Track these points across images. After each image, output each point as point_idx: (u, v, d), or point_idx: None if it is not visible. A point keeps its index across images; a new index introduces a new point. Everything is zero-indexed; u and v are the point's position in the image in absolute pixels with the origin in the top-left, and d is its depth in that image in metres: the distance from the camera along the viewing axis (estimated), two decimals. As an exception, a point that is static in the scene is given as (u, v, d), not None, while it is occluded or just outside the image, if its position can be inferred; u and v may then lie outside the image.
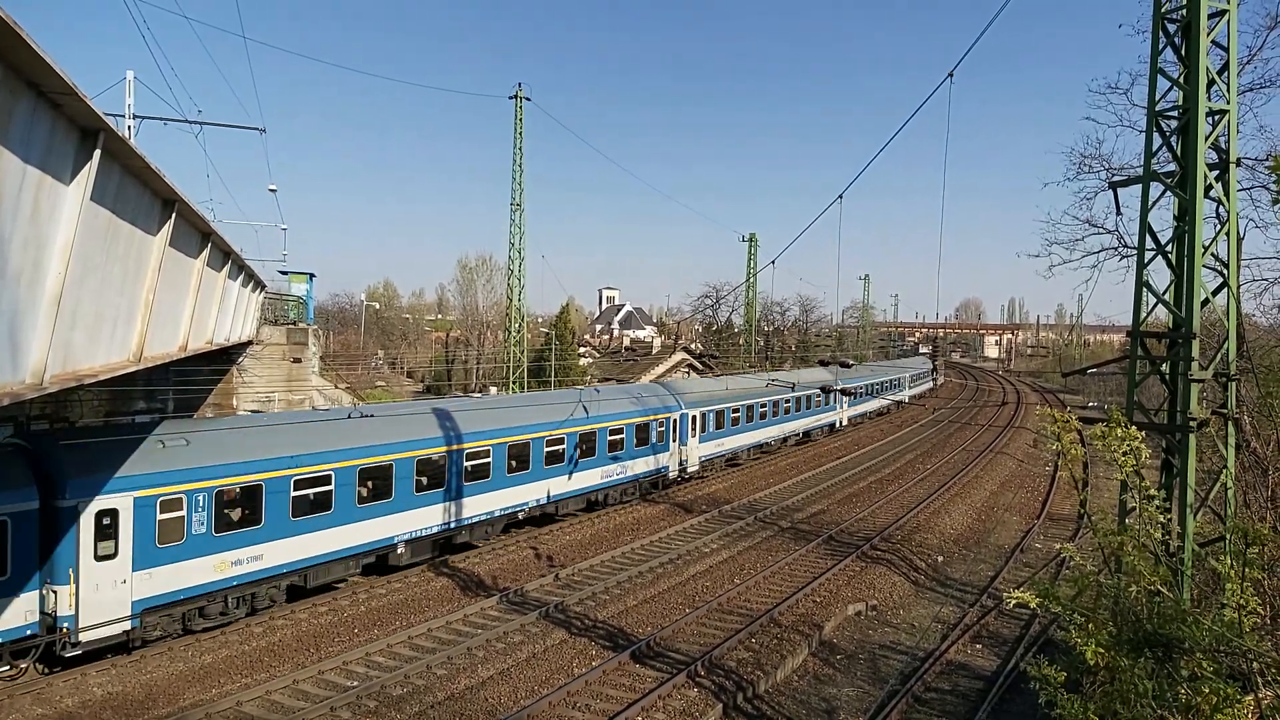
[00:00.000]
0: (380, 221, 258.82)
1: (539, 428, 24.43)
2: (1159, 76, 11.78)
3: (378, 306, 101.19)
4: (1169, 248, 11.90)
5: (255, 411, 26.93)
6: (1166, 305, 12.03)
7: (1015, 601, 8.79)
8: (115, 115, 24.69)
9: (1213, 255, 11.77)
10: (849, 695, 14.92)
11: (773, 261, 20.23)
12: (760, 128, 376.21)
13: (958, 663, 16.46)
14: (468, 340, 79.74)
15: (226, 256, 18.04)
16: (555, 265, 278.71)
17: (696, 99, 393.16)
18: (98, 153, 7.35)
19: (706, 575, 21.66)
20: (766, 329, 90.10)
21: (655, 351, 70.83)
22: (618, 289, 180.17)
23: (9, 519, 13.33)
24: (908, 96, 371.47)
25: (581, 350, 76.04)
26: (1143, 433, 9.11)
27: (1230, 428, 11.90)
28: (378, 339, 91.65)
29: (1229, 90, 11.65)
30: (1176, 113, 11.68)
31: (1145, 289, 12.08)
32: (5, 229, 5.94)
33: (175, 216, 11.36)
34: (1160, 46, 11.72)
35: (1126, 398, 12.31)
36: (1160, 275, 12.20)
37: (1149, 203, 12.06)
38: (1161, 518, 9.46)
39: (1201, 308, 11.66)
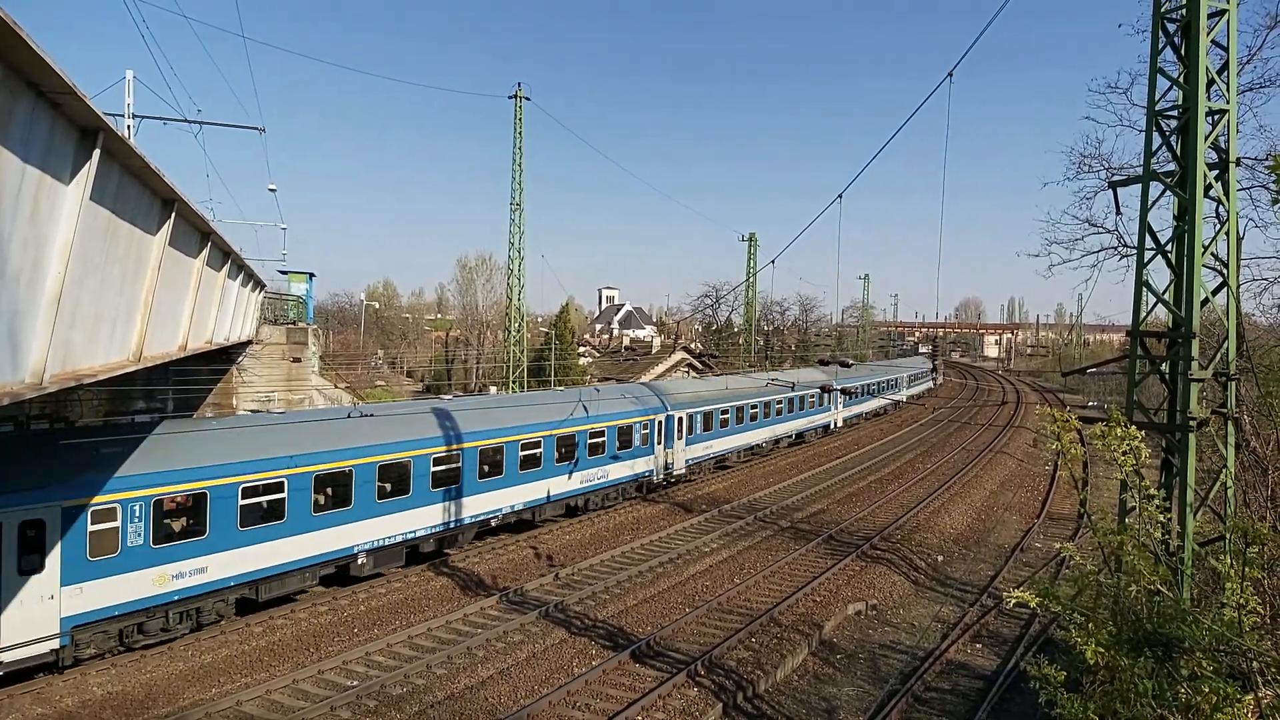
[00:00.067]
0: (380, 221, 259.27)
1: (513, 431, 23.64)
2: (1159, 76, 11.79)
3: (377, 306, 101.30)
4: (1169, 247, 11.90)
5: (255, 411, 26.93)
6: (1166, 305, 12.04)
7: (1015, 601, 8.81)
8: (115, 115, 24.69)
9: (1212, 255, 11.77)
10: (849, 695, 14.93)
11: (772, 261, 20.27)
12: (760, 128, 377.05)
13: (958, 662, 16.46)
14: (467, 340, 79.81)
15: (226, 256, 18.06)
16: (555, 265, 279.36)
17: (696, 100, 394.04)
18: (97, 152, 7.35)
19: (706, 575, 21.67)
20: (766, 329, 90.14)
21: (655, 351, 70.87)
22: (618, 289, 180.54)
23: None
24: (908, 97, 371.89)
25: (581, 350, 76.06)
26: (1142, 432, 9.12)
27: (1230, 427, 11.90)
28: (377, 338, 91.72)
29: (1229, 90, 11.66)
30: (1176, 112, 11.69)
31: (1145, 288, 12.09)
32: (5, 229, 5.94)
33: (175, 216, 11.37)
34: (1160, 46, 11.73)
35: (1126, 397, 12.32)
36: (1160, 275, 12.23)
37: (1149, 202, 12.07)
38: (1161, 517, 9.47)
39: (1201, 307, 11.67)
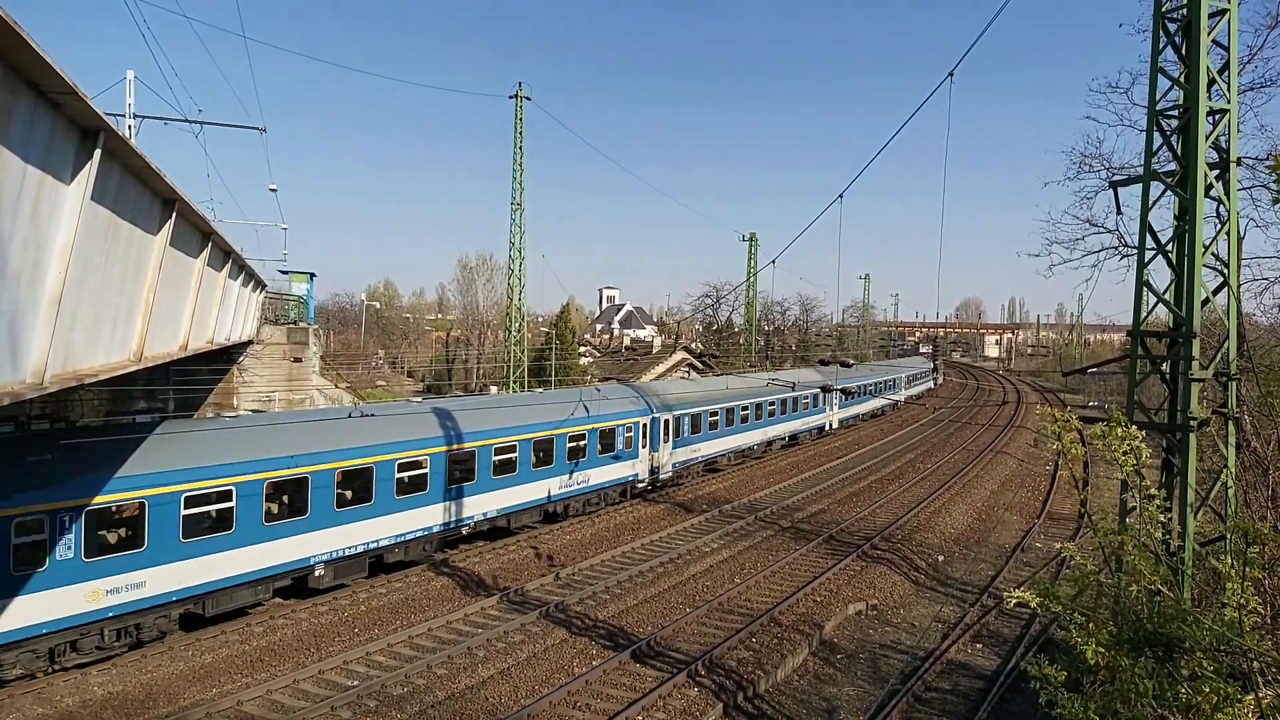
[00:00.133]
0: (380, 221, 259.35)
1: (486, 435, 22.57)
2: (1159, 76, 11.78)
3: (378, 306, 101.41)
4: (1169, 247, 11.90)
5: (256, 411, 26.94)
6: (1167, 304, 12.03)
7: (1016, 601, 8.80)
8: (115, 115, 24.71)
9: (1213, 254, 11.77)
10: (849, 694, 14.92)
11: (773, 261, 20.28)
12: (760, 128, 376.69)
13: (958, 662, 16.46)
14: (468, 340, 79.86)
15: (227, 256, 18.07)
16: (555, 265, 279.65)
17: (696, 99, 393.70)
18: (98, 152, 7.35)
19: (707, 575, 21.67)
20: (767, 328, 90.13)
21: (655, 351, 70.82)
22: (618, 288, 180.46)
23: None
24: (908, 96, 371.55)
25: (582, 350, 76.06)
26: (1143, 432, 9.10)
27: (1231, 427, 11.90)
28: (378, 338, 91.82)
29: (1229, 89, 11.65)
30: (1177, 112, 11.68)
31: (1145, 288, 12.08)
32: (5, 229, 5.94)
33: (175, 216, 11.37)
34: (1161, 46, 11.73)
35: (1127, 397, 12.32)
36: (1160, 274, 12.22)
37: (1149, 202, 12.06)
38: (1162, 517, 9.46)
39: (1202, 307, 11.66)
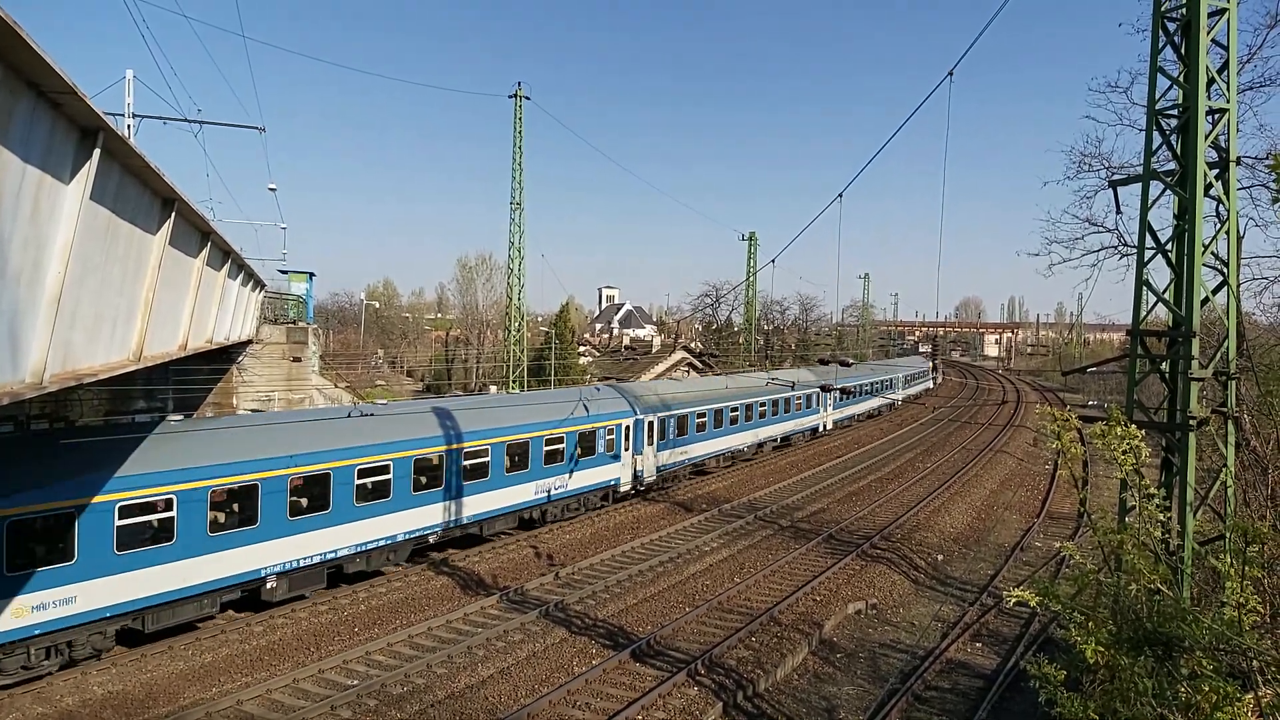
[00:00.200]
0: (380, 221, 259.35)
1: (455, 438, 21.51)
2: (1159, 75, 11.79)
3: (377, 306, 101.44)
4: (1169, 246, 11.90)
5: (255, 411, 26.94)
6: (1166, 304, 12.04)
7: (1015, 600, 8.81)
8: (115, 114, 24.70)
9: (1213, 254, 11.77)
10: (849, 694, 14.93)
11: (773, 260, 20.35)
12: (760, 127, 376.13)
13: (958, 661, 16.46)
14: (467, 339, 79.84)
15: (226, 256, 18.07)
16: (555, 264, 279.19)
17: (696, 99, 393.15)
18: (97, 152, 7.35)
19: (706, 574, 21.67)
20: (766, 328, 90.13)
21: (655, 351, 70.80)
22: (618, 288, 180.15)
23: None
24: (908, 96, 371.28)
25: (581, 349, 76.07)
26: (1142, 431, 9.12)
27: (1230, 426, 11.91)
28: (377, 338, 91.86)
29: (1229, 89, 11.66)
30: (1176, 111, 11.69)
31: (1145, 287, 12.09)
32: (5, 229, 5.94)
33: (175, 216, 11.38)
34: (1160, 45, 11.73)
35: (1126, 396, 12.33)
36: (1160, 274, 12.23)
37: (1149, 201, 12.07)
38: (1161, 516, 9.48)
39: (1201, 306, 11.67)
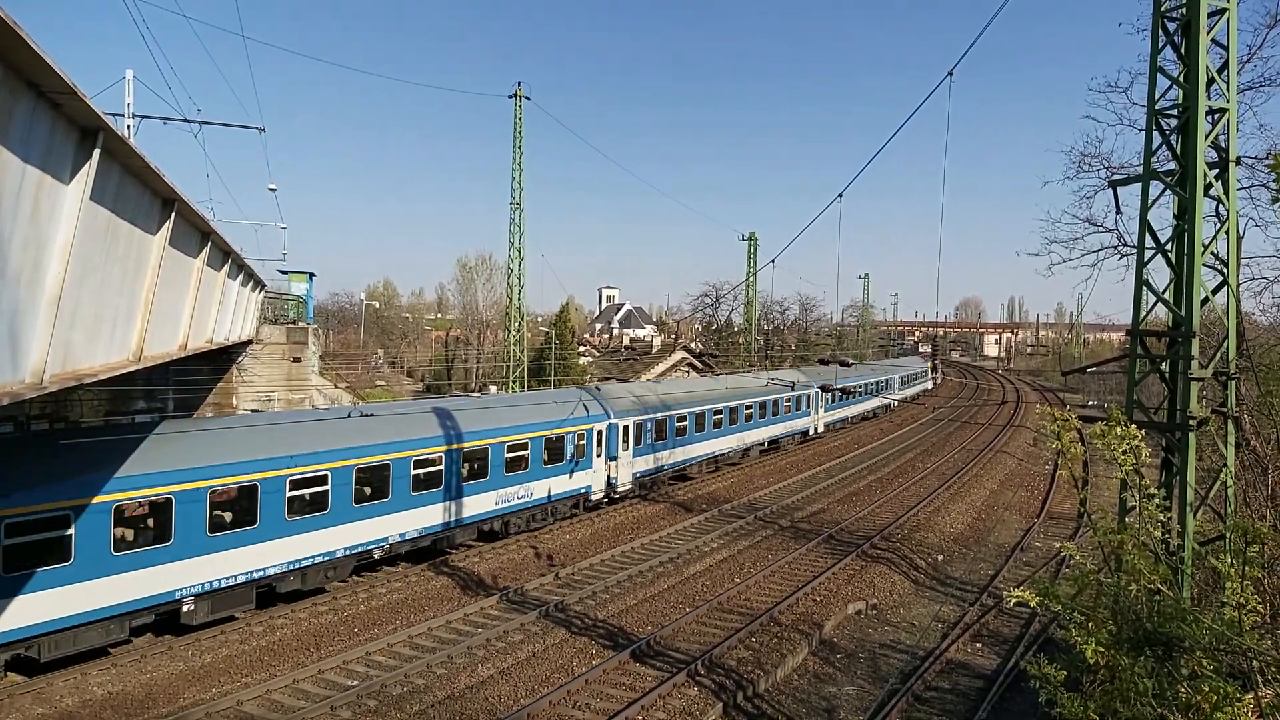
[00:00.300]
0: (380, 221, 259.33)
1: (402, 445, 20.04)
2: (1159, 75, 11.79)
3: (377, 306, 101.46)
4: (1169, 246, 11.91)
5: (255, 410, 26.93)
6: (1166, 304, 12.04)
7: (1015, 600, 8.79)
8: (115, 115, 24.70)
9: (1212, 254, 11.78)
10: (849, 694, 14.93)
11: (772, 261, 20.37)
12: (760, 127, 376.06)
13: (958, 661, 16.46)
14: (467, 339, 79.85)
15: (226, 256, 18.07)
16: (555, 264, 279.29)
17: (696, 99, 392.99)
18: (97, 152, 7.35)
19: (706, 574, 21.67)
20: (766, 328, 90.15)
21: (655, 351, 70.85)
22: (618, 288, 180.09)
23: None
24: (908, 96, 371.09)
25: (581, 349, 76.11)
26: (1142, 431, 9.11)
27: (1230, 426, 11.91)
28: (377, 338, 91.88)
29: (1229, 89, 11.66)
30: (1176, 111, 11.69)
31: (1145, 287, 12.09)
32: (5, 229, 5.94)
33: (175, 216, 11.38)
34: (1160, 45, 11.74)
35: (1126, 396, 12.33)
36: (1160, 274, 12.23)
37: (1149, 201, 12.08)
38: (1161, 516, 9.47)
39: (1201, 306, 11.68)
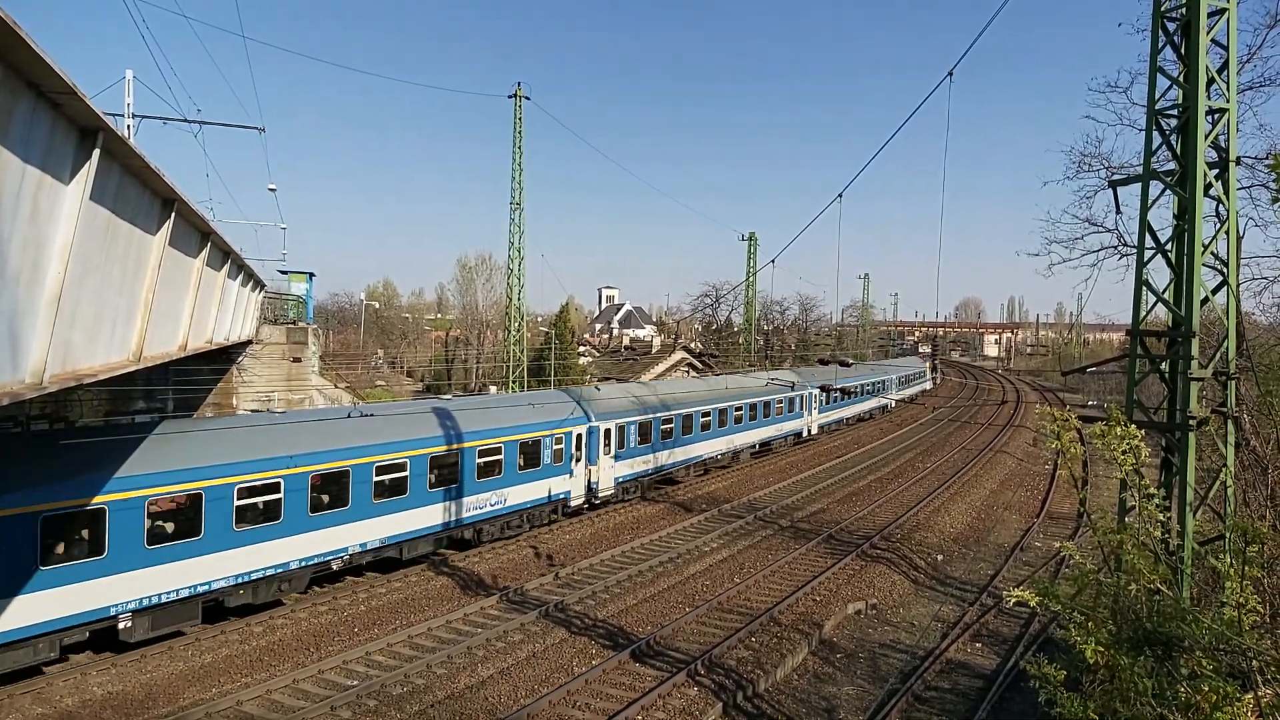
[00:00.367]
0: (380, 221, 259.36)
1: (366, 451, 19.03)
2: (1159, 75, 11.79)
3: (377, 306, 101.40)
4: (1169, 246, 11.91)
5: (254, 410, 26.93)
6: (1166, 304, 12.04)
7: (1015, 600, 8.81)
8: (114, 115, 24.70)
9: (1212, 254, 11.78)
10: (849, 694, 14.93)
11: (772, 260, 20.37)
12: (760, 127, 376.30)
13: (958, 661, 16.46)
14: (467, 339, 79.85)
15: (226, 256, 18.06)
16: (555, 264, 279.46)
17: (696, 99, 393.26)
18: (97, 152, 7.35)
19: (706, 574, 21.67)
20: (766, 328, 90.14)
21: (655, 351, 70.83)
22: (617, 288, 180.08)
23: None
24: (908, 96, 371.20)
25: (581, 349, 76.08)
26: (1142, 431, 9.12)
27: (1230, 426, 11.91)
28: (377, 338, 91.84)
29: (1228, 89, 11.66)
30: (1176, 111, 11.69)
31: (1145, 287, 12.09)
32: (5, 229, 5.94)
33: (175, 216, 11.37)
34: (1160, 45, 11.73)
35: (1126, 396, 12.33)
36: (1160, 274, 12.23)
37: (1149, 201, 12.08)
38: (1161, 516, 9.47)
39: (1201, 306, 11.68)
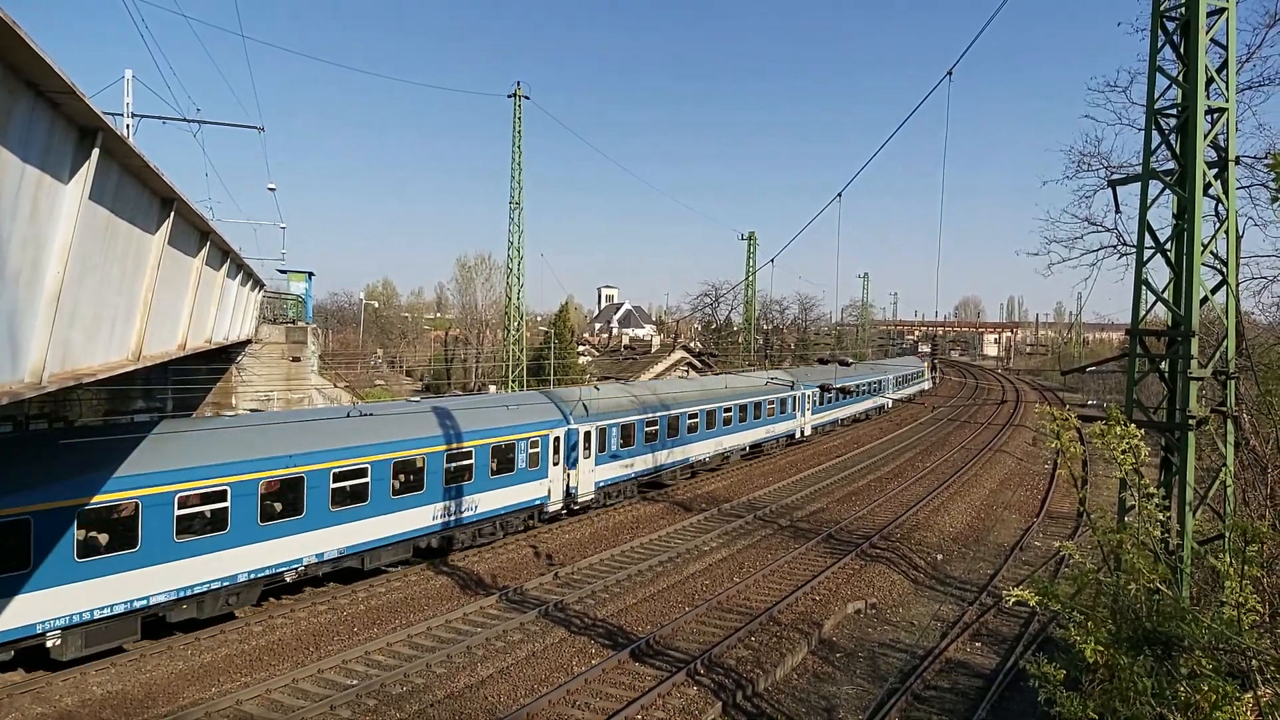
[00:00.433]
0: (380, 221, 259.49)
1: (322, 456, 17.87)
2: (1158, 75, 11.79)
3: (377, 305, 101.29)
4: (1168, 246, 11.91)
5: (254, 410, 26.92)
6: (1166, 303, 12.04)
7: (1014, 599, 8.80)
8: (114, 114, 24.69)
9: (1212, 253, 11.78)
10: (848, 693, 14.93)
11: (772, 260, 20.44)
12: (760, 127, 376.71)
13: (957, 661, 16.47)
14: (467, 339, 79.81)
15: (225, 255, 18.06)
16: (554, 264, 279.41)
17: (696, 98, 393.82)
18: (96, 152, 7.35)
19: (705, 574, 21.67)
20: (766, 327, 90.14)
21: (654, 350, 70.82)
22: (617, 288, 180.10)
23: None
24: (907, 95, 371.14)
25: (581, 349, 76.06)
26: (1142, 431, 9.11)
27: (1229, 425, 11.91)
28: (376, 338, 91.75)
29: (1228, 88, 11.66)
30: (1175, 111, 11.69)
31: (1144, 287, 12.09)
32: (4, 228, 5.94)
33: (174, 215, 11.37)
34: (1159, 45, 11.73)
35: (1126, 396, 12.33)
36: (1159, 273, 12.23)
37: (1148, 201, 12.08)
38: (1161, 515, 9.47)
39: (1200, 305, 11.67)
